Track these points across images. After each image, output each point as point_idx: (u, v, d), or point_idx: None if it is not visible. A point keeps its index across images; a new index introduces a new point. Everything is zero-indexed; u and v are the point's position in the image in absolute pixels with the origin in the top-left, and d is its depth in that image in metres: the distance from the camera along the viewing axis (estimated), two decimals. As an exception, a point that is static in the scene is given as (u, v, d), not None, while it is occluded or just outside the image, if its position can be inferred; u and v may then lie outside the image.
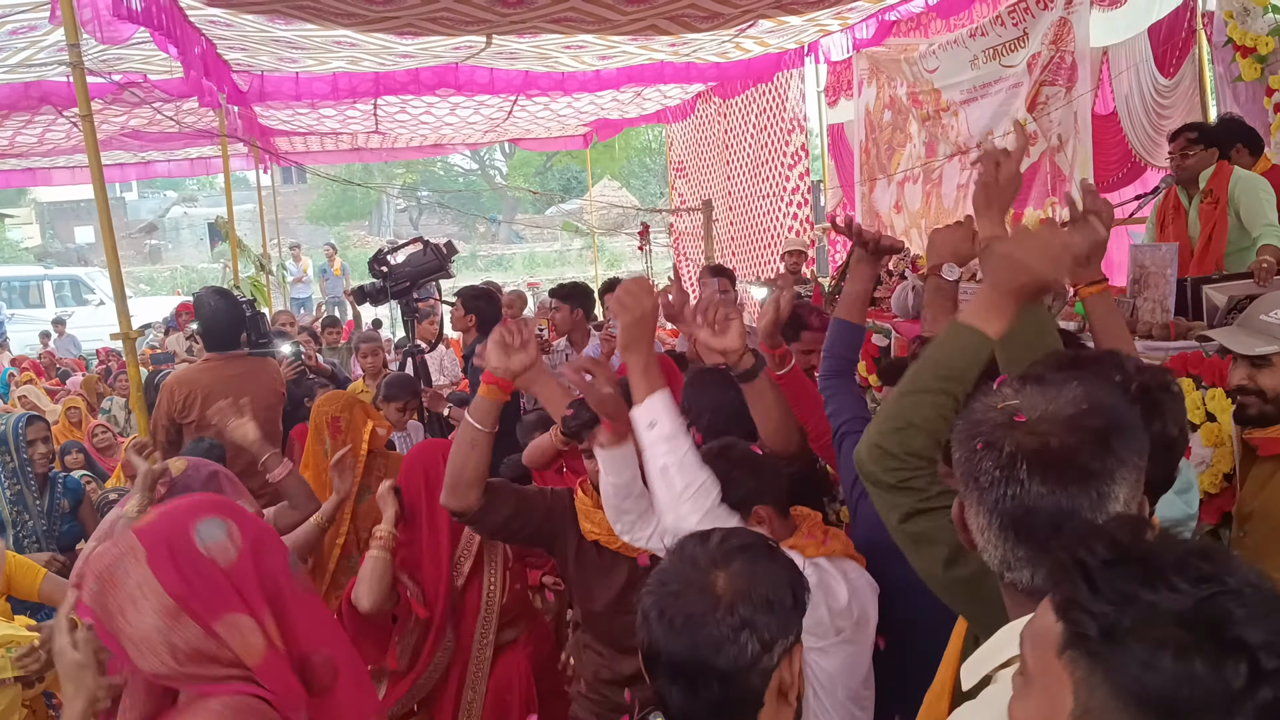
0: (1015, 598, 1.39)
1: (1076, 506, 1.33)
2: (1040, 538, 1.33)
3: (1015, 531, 1.36)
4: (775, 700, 1.45)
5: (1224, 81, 6.46)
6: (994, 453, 1.37)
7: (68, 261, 30.61)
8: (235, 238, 9.70)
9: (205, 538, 1.72)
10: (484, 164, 36.99)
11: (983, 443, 1.38)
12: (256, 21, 7.18)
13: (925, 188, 9.83)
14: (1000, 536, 1.37)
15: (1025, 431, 1.36)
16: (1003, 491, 1.35)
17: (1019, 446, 1.35)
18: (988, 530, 1.39)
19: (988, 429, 1.39)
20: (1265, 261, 4.37)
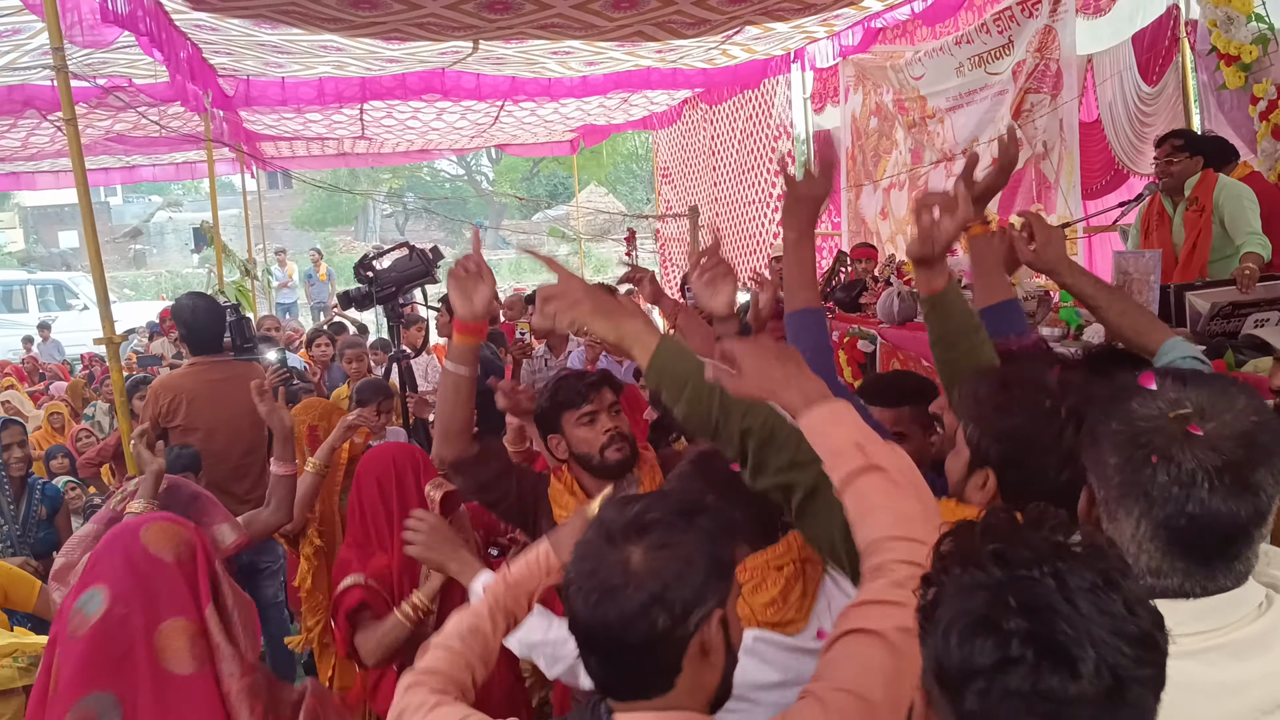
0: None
1: (1249, 523, 1.30)
2: (1207, 554, 1.30)
3: (1183, 546, 1.31)
4: (696, 662, 1.45)
5: (1207, 89, 6.50)
6: (1171, 467, 1.31)
7: (51, 266, 30.45)
8: (220, 243, 9.66)
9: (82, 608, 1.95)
10: (470, 169, 36.94)
11: (1158, 456, 1.31)
12: (242, 26, 7.16)
13: (912, 194, 9.86)
14: (1161, 548, 1.32)
15: (1207, 447, 1.30)
16: (1179, 508, 1.29)
17: (1201, 464, 1.29)
18: (1146, 541, 1.33)
19: (1161, 441, 1.32)
20: (1248, 269, 4.40)
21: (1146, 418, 1.35)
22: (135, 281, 31.12)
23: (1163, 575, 1.32)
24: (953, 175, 8.96)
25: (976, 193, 2.43)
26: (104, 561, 2.04)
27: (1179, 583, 1.31)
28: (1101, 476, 1.38)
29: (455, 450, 2.75)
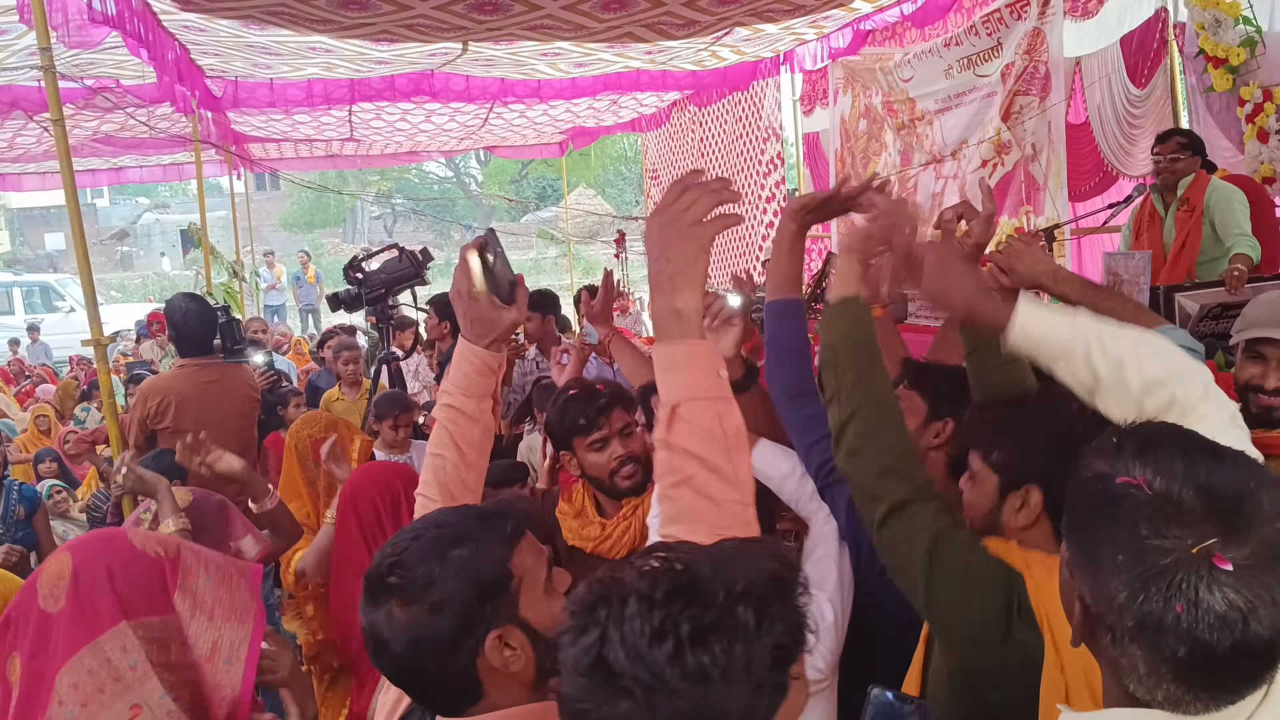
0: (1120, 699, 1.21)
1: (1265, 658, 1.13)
2: (1240, 680, 1.14)
3: (1211, 682, 1.14)
4: (495, 674, 1.49)
5: (1195, 92, 6.53)
6: (1200, 612, 1.10)
7: (37, 268, 30.35)
8: (208, 244, 9.63)
9: None
10: (459, 171, 36.93)
11: (1183, 604, 1.10)
12: (231, 27, 7.14)
13: (901, 196, 9.89)
14: (1184, 684, 1.14)
15: (1240, 585, 1.09)
16: (1209, 651, 1.10)
17: (1233, 605, 1.09)
18: (1167, 680, 1.15)
19: (1184, 581, 1.11)
20: (1237, 270, 4.42)
21: (1162, 551, 1.12)
22: (122, 283, 31.02)
23: (1183, 705, 1.15)
24: (942, 177, 9.03)
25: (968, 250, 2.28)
26: None
27: (1202, 708, 1.15)
28: (1105, 603, 1.17)
29: None
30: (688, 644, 1.08)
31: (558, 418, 2.80)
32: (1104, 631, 1.18)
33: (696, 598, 1.11)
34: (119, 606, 1.86)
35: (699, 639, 1.08)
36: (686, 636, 1.08)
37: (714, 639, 1.09)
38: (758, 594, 1.13)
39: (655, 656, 1.08)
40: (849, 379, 1.95)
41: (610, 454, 2.71)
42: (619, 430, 2.74)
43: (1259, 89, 6.00)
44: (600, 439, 2.71)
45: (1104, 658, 1.22)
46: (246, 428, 5.15)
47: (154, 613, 1.89)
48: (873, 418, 1.92)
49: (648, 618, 1.09)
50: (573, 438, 2.75)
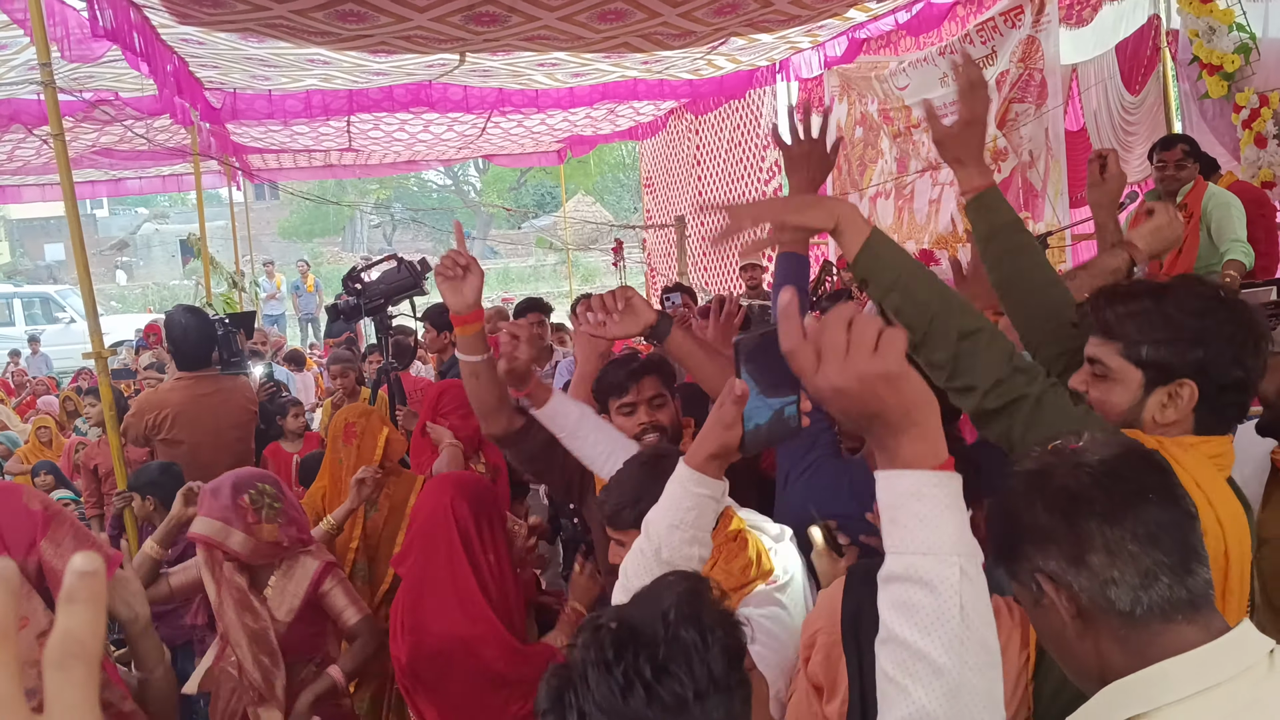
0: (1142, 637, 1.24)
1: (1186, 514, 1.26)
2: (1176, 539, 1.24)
3: (1150, 538, 1.23)
4: None
5: (1189, 98, 6.56)
6: (1087, 470, 1.28)
7: (37, 279, 30.37)
8: (207, 254, 9.66)
9: None
10: (458, 180, 36.98)
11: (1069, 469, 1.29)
12: (229, 40, 7.17)
13: (898, 203, 9.91)
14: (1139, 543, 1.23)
15: (1096, 452, 1.30)
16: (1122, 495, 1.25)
17: (1104, 458, 1.29)
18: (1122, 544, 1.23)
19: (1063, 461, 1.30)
20: (1229, 276, 4.46)
21: (1034, 466, 1.32)
22: (122, 294, 31.03)
23: (1151, 580, 1.21)
24: (939, 184, 9.06)
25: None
26: None
27: (1167, 583, 1.21)
28: (1044, 541, 1.27)
29: (499, 426, 2.84)
30: (655, 683, 1.15)
31: (599, 380, 2.89)
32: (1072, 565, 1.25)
33: (642, 641, 1.17)
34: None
35: (662, 674, 1.15)
36: (650, 677, 1.14)
37: (674, 668, 1.16)
38: (688, 613, 1.20)
39: (633, 707, 1.14)
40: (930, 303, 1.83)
41: (636, 420, 2.77)
42: (648, 398, 2.80)
43: (1254, 94, 6.04)
44: (629, 403, 2.79)
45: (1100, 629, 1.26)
46: (243, 439, 5.17)
47: (29, 554, 2.50)
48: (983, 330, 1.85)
49: (609, 678, 1.15)
50: (608, 399, 2.84)
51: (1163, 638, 1.22)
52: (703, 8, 6.85)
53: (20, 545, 2.51)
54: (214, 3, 5.94)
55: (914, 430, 1.14)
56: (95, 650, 0.56)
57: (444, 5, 6.28)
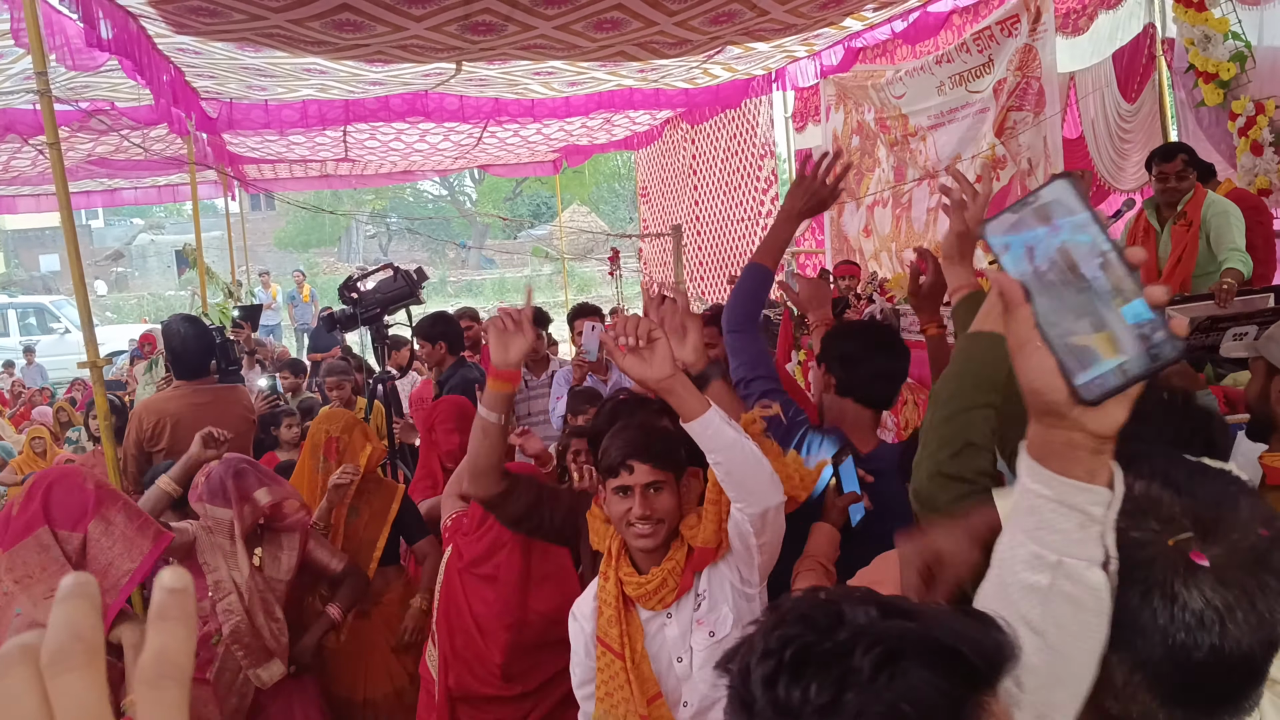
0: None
1: (1261, 658, 1.07)
2: (1215, 700, 1.09)
3: (1185, 696, 1.08)
4: None
5: (1185, 106, 6.57)
6: (1175, 609, 1.06)
7: (32, 290, 30.32)
8: (203, 265, 9.64)
9: None
10: (453, 190, 36.99)
11: (1159, 595, 1.07)
12: (226, 49, 7.16)
13: (895, 211, 9.92)
14: (1157, 698, 1.09)
15: (1216, 583, 1.06)
16: (1184, 656, 1.06)
17: (1209, 602, 1.05)
18: (1140, 690, 1.10)
19: (1161, 575, 1.07)
20: (1226, 284, 4.45)
21: (1140, 544, 1.09)
22: (118, 305, 30.97)
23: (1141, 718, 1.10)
24: (936, 193, 9.06)
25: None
26: None
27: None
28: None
29: (484, 489, 2.80)
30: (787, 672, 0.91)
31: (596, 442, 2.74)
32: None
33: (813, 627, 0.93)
34: (45, 515, 2.69)
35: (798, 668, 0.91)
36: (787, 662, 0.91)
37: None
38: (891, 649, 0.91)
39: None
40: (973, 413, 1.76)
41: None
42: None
43: (1250, 103, 6.04)
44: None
45: None
46: (242, 448, 5.13)
47: (78, 528, 2.71)
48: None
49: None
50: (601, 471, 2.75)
51: None
52: (699, 16, 6.85)
53: (68, 520, 2.70)
54: (211, 12, 5.93)
55: None
56: (188, 670, 0.55)
57: (440, 15, 6.28)
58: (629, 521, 2.40)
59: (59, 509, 2.74)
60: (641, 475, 2.39)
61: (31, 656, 0.53)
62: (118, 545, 2.75)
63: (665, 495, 2.41)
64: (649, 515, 2.38)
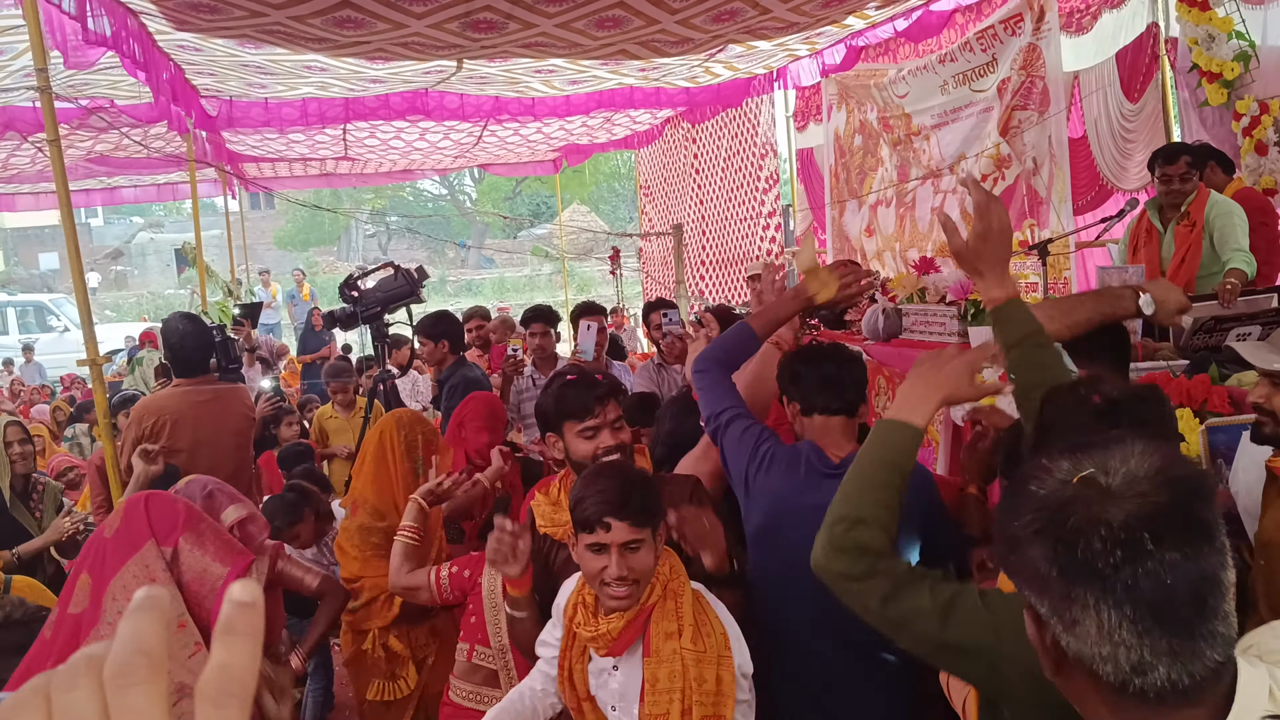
0: (1135, 712, 1.17)
1: (1214, 568, 1.13)
2: (1186, 618, 1.12)
3: (1156, 619, 1.12)
4: None
5: (1188, 106, 6.54)
6: (1103, 529, 1.13)
7: (31, 288, 30.30)
8: (203, 263, 9.62)
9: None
10: (453, 189, 36.98)
11: (1083, 521, 1.15)
12: (226, 46, 7.14)
13: (899, 211, 9.89)
14: (1136, 631, 1.12)
15: (1126, 497, 1.15)
16: (1133, 571, 1.11)
17: (1130, 515, 1.13)
18: (1117, 629, 1.13)
19: (1080, 508, 1.16)
20: (1230, 284, 4.43)
21: (1053, 491, 1.19)
22: (117, 303, 30.96)
23: (1147, 670, 1.13)
24: (941, 191, 9.05)
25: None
26: None
27: (1165, 672, 1.12)
28: (1038, 583, 1.19)
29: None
30: None
31: (552, 400, 2.82)
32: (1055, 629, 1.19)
33: None
34: (150, 530, 2.69)
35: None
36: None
37: None
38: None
39: None
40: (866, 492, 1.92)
41: (598, 443, 2.74)
42: (611, 421, 2.78)
43: (1255, 102, 6.02)
44: (592, 427, 2.75)
45: (1085, 679, 1.19)
46: (242, 447, 5.12)
47: (169, 543, 2.71)
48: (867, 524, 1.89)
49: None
50: (565, 420, 2.79)
51: (1155, 716, 1.15)
52: (700, 15, 6.84)
53: (165, 532, 2.74)
54: (211, 9, 5.91)
55: None
56: (251, 687, 0.54)
57: (441, 12, 6.27)
58: (604, 581, 2.32)
59: (157, 519, 2.75)
60: (619, 534, 2.29)
61: (96, 669, 0.52)
62: (209, 554, 2.77)
63: (642, 553, 2.33)
64: (625, 576, 2.30)
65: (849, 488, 1.92)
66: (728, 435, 2.86)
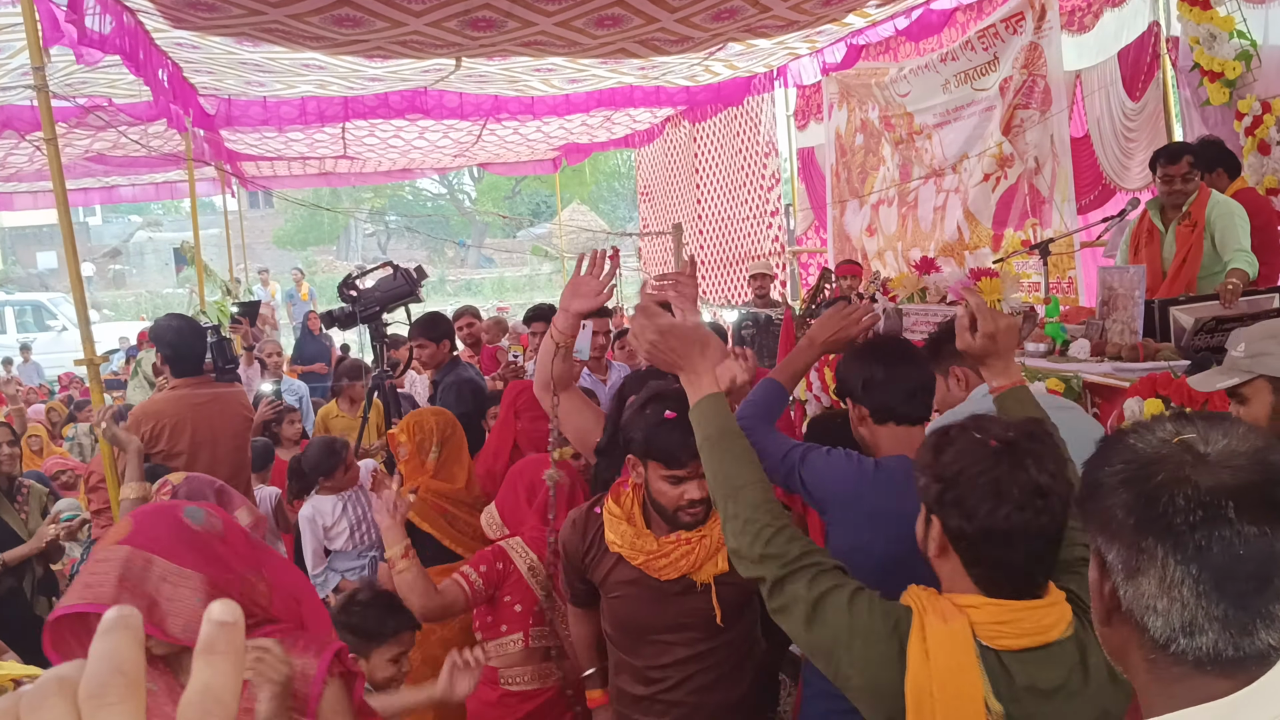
0: (1169, 671, 1.19)
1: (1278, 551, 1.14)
2: (1247, 591, 1.13)
3: (1218, 584, 1.14)
4: None
5: (1190, 105, 6.53)
6: (1189, 489, 1.16)
7: (29, 287, 30.30)
8: (201, 262, 9.60)
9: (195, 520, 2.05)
10: (452, 188, 36.96)
11: (1170, 479, 1.18)
12: (224, 44, 7.13)
13: (901, 211, 9.88)
14: (1196, 592, 1.15)
15: (1221, 467, 1.17)
16: (1207, 534, 1.14)
17: (1220, 482, 1.15)
18: (1178, 586, 1.16)
19: (1172, 466, 1.19)
20: (1231, 284, 4.41)
21: (1149, 447, 1.22)
22: (115, 302, 30.94)
23: (1196, 632, 1.15)
24: (943, 191, 9.04)
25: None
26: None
27: (1214, 639, 1.14)
28: (1110, 528, 1.22)
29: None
30: None
31: (643, 435, 2.69)
32: (1116, 576, 1.21)
33: None
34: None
35: None
36: None
37: None
38: None
39: None
40: (714, 472, 2.15)
41: (684, 493, 2.64)
42: (700, 473, 2.53)
43: (1257, 101, 6.00)
44: (680, 476, 2.63)
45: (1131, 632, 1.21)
46: (240, 448, 5.10)
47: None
48: (739, 508, 2.07)
49: None
50: (650, 460, 2.66)
51: (1188, 682, 1.15)
52: (700, 13, 6.82)
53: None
54: (209, 7, 5.89)
55: None
56: (233, 708, 0.53)
57: (440, 10, 6.25)
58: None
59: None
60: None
61: (70, 690, 0.50)
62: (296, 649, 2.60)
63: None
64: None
65: (715, 475, 2.14)
66: (809, 466, 2.69)
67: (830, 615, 1.89)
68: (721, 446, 2.15)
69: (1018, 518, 1.77)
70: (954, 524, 1.82)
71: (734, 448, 2.14)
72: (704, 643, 2.72)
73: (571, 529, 2.92)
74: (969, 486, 1.80)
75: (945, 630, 1.79)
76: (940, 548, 1.87)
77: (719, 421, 2.19)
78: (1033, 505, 1.77)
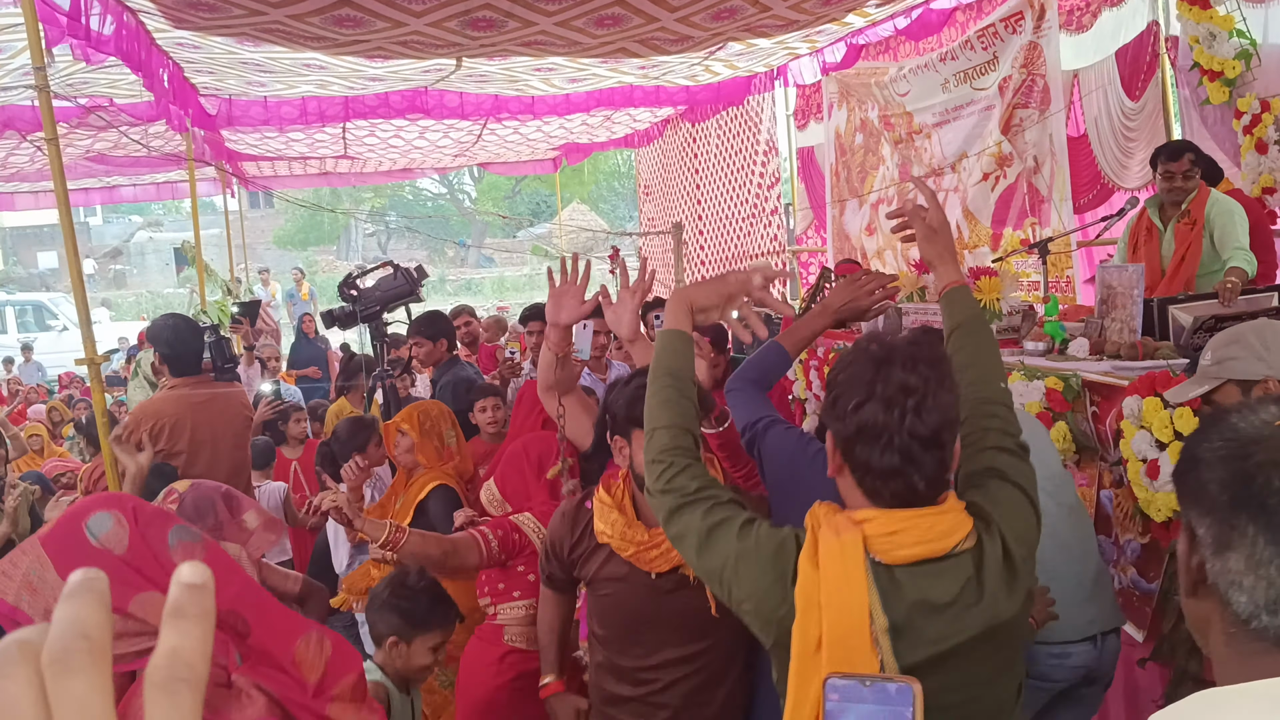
0: (1248, 645, 1.21)
1: None
2: None
3: None
4: None
5: (1189, 105, 6.52)
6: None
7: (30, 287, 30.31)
8: (202, 262, 9.61)
9: (96, 531, 1.90)
10: (453, 188, 36.96)
11: (1269, 460, 1.20)
12: (225, 44, 7.13)
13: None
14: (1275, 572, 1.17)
15: None
16: None
17: None
18: (1266, 564, 1.17)
19: (1273, 448, 1.21)
20: (1230, 282, 4.41)
21: (1251, 428, 1.24)
22: (116, 302, 30.95)
23: (1277, 605, 1.16)
24: (943, 190, 9.03)
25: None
26: None
27: None
28: (1204, 503, 1.24)
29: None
30: None
31: (624, 405, 2.68)
32: (1206, 551, 1.21)
33: None
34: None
35: None
36: None
37: None
38: None
39: None
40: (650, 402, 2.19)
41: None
42: None
43: (1256, 100, 6.00)
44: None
45: (1214, 606, 1.23)
46: (240, 447, 5.10)
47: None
48: (650, 449, 2.13)
49: None
50: (634, 429, 2.59)
51: (1266, 658, 1.17)
52: (700, 13, 6.83)
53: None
54: (210, 7, 5.90)
55: None
56: (203, 673, 0.51)
57: (440, 10, 6.25)
58: None
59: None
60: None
61: (32, 655, 0.48)
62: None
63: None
64: None
65: (647, 401, 2.19)
66: (766, 440, 2.79)
67: (720, 543, 1.95)
68: (650, 389, 2.19)
69: (884, 416, 1.80)
70: (835, 428, 1.88)
71: (661, 392, 2.17)
72: (695, 643, 2.67)
73: (560, 521, 2.92)
74: (844, 388, 1.86)
75: (837, 543, 1.82)
76: (837, 464, 1.91)
77: (658, 363, 2.22)
78: (900, 403, 1.79)
